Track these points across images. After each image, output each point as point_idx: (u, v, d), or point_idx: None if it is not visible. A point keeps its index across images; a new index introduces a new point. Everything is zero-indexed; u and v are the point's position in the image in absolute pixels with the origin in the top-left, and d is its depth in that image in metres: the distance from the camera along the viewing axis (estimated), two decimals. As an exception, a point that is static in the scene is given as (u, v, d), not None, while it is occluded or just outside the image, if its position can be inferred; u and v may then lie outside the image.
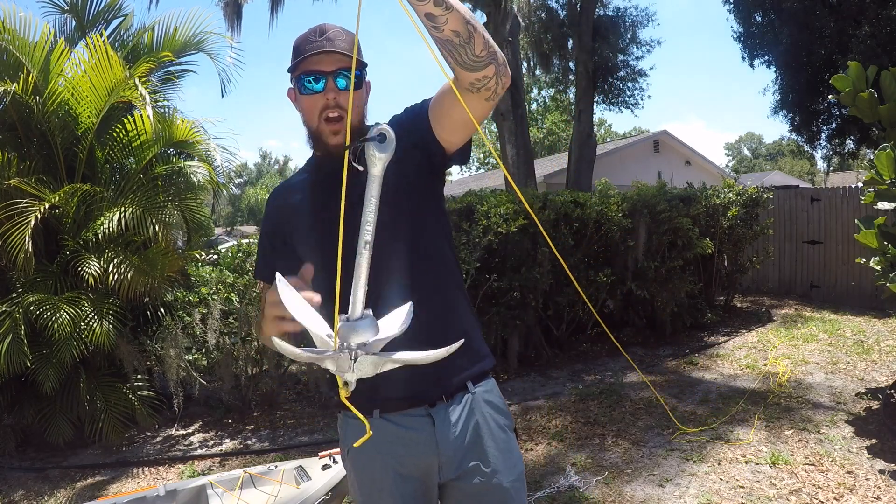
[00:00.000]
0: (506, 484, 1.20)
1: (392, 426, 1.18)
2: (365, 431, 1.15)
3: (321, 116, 1.16)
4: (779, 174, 29.16)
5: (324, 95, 1.15)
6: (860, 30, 7.98)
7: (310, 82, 1.15)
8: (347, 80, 1.15)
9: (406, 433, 1.18)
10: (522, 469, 1.28)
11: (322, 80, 1.15)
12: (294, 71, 1.17)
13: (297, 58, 1.15)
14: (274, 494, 2.40)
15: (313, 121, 1.18)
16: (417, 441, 1.18)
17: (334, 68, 1.14)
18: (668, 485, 2.95)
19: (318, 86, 1.15)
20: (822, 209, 7.56)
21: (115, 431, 3.67)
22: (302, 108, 1.20)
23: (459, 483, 1.20)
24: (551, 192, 5.25)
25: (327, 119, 1.16)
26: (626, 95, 11.93)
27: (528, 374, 4.91)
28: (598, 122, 29.60)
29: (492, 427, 1.23)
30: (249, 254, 4.41)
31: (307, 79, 1.15)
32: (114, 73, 3.74)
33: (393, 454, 1.18)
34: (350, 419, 1.23)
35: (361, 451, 1.18)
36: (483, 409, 1.23)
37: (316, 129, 1.18)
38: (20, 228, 3.40)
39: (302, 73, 1.16)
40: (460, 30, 0.93)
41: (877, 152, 3.58)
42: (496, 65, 1.01)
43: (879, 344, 5.32)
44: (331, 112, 1.15)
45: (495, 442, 1.22)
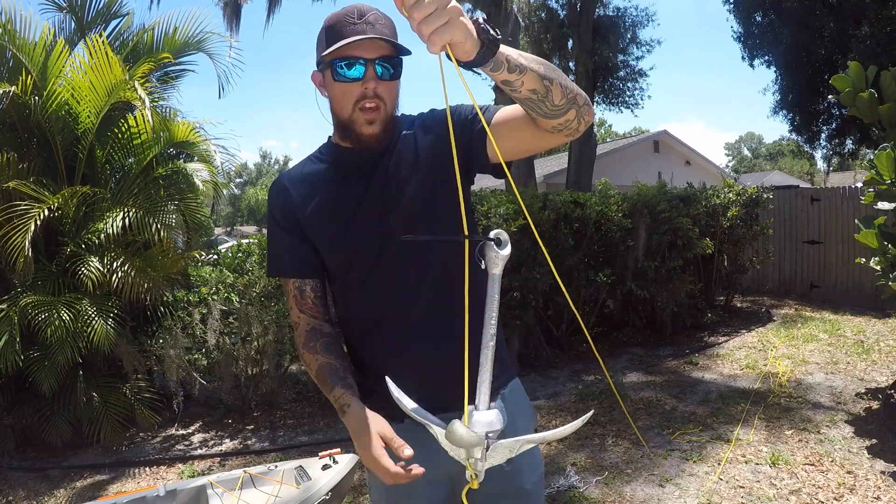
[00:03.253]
0: (528, 486, 1.19)
1: (423, 431, 1.12)
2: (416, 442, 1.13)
3: (356, 105, 1.09)
4: (779, 174, 29.16)
5: (362, 84, 1.07)
6: (860, 30, 7.98)
7: (346, 68, 1.07)
8: (387, 69, 1.08)
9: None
10: (543, 470, 1.27)
11: (361, 67, 1.06)
12: (329, 53, 1.08)
13: (333, 40, 1.06)
14: (274, 494, 2.40)
15: (346, 109, 1.10)
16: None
17: (375, 56, 1.06)
18: (668, 485, 2.95)
19: (356, 73, 1.06)
20: (822, 209, 7.56)
21: (114, 432, 3.67)
22: (333, 94, 1.12)
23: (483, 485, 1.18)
24: (551, 192, 5.25)
25: (363, 109, 1.09)
26: (625, 95, 11.95)
27: (528, 374, 4.91)
28: (598, 122, 29.59)
29: (517, 428, 1.20)
30: (249, 254, 4.41)
31: (343, 64, 1.06)
32: (113, 73, 3.74)
33: (424, 460, 1.12)
34: None
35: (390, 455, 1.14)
36: (510, 410, 1.20)
37: (349, 118, 1.11)
38: (20, 232, 3.40)
39: (337, 58, 1.07)
40: (537, 87, 0.93)
41: (877, 152, 3.58)
42: (577, 108, 0.99)
43: (879, 344, 5.32)
44: (368, 102, 1.08)
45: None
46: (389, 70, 1.09)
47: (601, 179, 6.14)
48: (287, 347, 4.27)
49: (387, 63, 1.08)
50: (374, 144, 1.13)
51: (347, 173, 1.17)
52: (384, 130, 1.12)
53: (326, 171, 1.19)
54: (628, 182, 6.93)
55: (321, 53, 1.09)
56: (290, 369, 4.67)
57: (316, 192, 1.17)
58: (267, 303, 4.10)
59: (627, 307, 5.78)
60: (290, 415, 4.26)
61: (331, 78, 1.09)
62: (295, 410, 4.34)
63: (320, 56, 1.10)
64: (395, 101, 1.14)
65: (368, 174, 1.16)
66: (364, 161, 1.17)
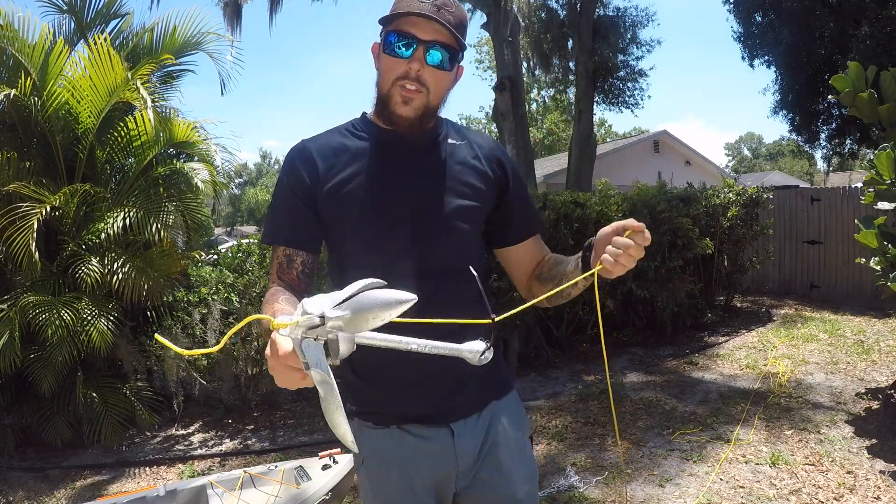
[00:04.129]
0: (520, 495, 1.18)
1: (411, 438, 1.14)
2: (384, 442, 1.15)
3: (397, 82, 1.05)
4: (779, 174, 29.16)
5: (408, 63, 1.03)
6: (860, 30, 7.98)
7: (397, 43, 1.03)
8: (439, 56, 1.04)
9: (425, 445, 1.14)
10: (536, 478, 1.25)
11: (413, 46, 1.02)
12: (386, 24, 1.05)
13: (396, 11, 1.03)
14: (274, 494, 2.40)
15: (386, 83, 1.07)
16: (437, 453, 1.14)
17: (430, 38, 1.02)
18: (668, 485, 2.95)
19: (407, 51, 1.03)
20: (822, 209, 7.56)
21: (114, 432, 3.67)
22: (380, 66, 1.08)
23: (473, 492, 1.17)
24: (551, 192, 5.25)
25: (402, 87, 1.05)
26: (626, 95, 11.94)
27: (528, 374, 4.91)
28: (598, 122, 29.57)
29: (509, 437, 1.20)
30: (249, 254, 4.41)
31: (396, 38, 1.03)
32: (115, 73, 3.74)
33: (411, 466, 1.14)
34: (366, 428, 1.17)
35: (377, 461, 1.15)
36: (502, 418, 1.20)
37: (387, 93, 1.07)
38: (23, 232, 3.40)
39: (393, 31, 1.03)
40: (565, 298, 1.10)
41: (877, 152, 3.58)
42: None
43: (879, 344, 5.32)
44: (409, 83, 1.04)
45: (511, 452, 1.19)
46: (441, 58, 1.04)
47: (601, 179, 6.15)
48: (287, 347, 4.26)
49: (441, 50, 1.04)
50: (406, 128, 1.09)
51: (391, 156, 1.12)
52: (420, 118, 1.08)
53: (365, 148, 1.13)
54: (628, 182, 6.94)
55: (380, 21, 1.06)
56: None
57: (348, 167, 1.11)
58: (267, 303, 4.10)
59: (627, 307, 5.78)
60: (290, 415, 4.26)
61: (382, 49, 1.06)
62: (295, 410, 4.34)
63: (379, 23, 1.07)
64: (442, 94, 1.10)
65: (412, 166, 1.13)
66: (411, 152, 1.13)
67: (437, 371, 1.12)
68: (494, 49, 10.30)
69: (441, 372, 1.12)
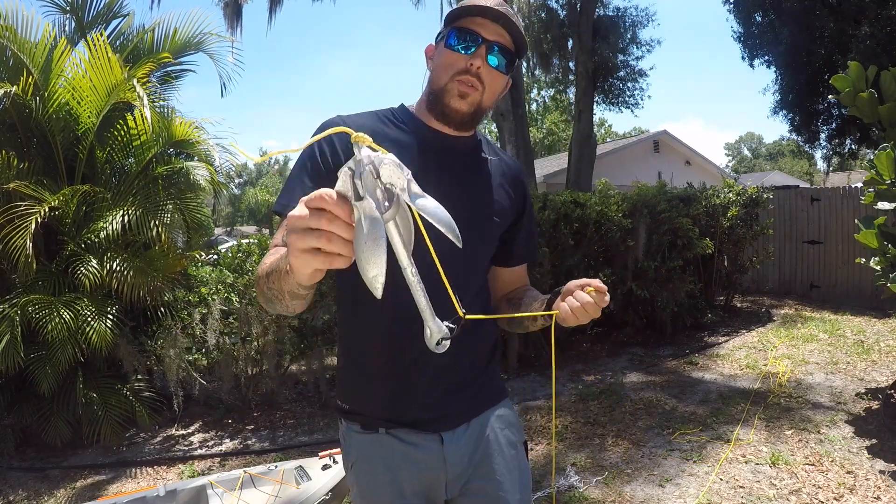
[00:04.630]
0: (513, 503, 1.18)
1: (399, 443, 1.13)
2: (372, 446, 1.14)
3: (455, 76, 1.05)
4: (779, 174, 29.16)
5: (469, 59, 1.04)
6: (860, 30, 7.98)
7: (461, 39, 1.04)
8: (501, 58, 1.06)
9: (414, 451, 1.13)
10: (530, 486, 1.25)
11: (476, 43, 1.04)
12: (450, 22, 1.05)
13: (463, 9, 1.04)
14: (274, 494, 2.40)
15: (443, 77, 1.06)
16: (425, 459, 1.13)
17: (493, 39, 1.04)
18: (668, 485, 2.95)
19: (470, 48, 1.04)
20: (822, 209, 7.56)
21: (114, 433, 3.67)
22: (438, 62, 1.08)
23: (466, 500, 1.17)
24: (551, 192, 5.25)
25: (460, 81, 1.05)
26: (626, 95, 11.95)
27: (528, 374, 4.91)
28: (598, 122, 29.60)
29: (502, 444, 1.20)
30: (249, 254, 4.41)
31: (461, 34, 1.04)
32: (114, 73, 3.74)
33: (400, 471, 1.13)
34: (355, 432, 1.16)
35: (367, 465, 1.14)
36: (494, 425, 1.20)
37: (443, 87, 1.06)
38: (21, 232, 3.40)
39: (456, 28, 1.04)
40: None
41: (877, 152, 3.58)
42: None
43: (879, 344, 5.32)
44: (465, 79, 1.04)
45: (504, 460, 1.19)
46: (500, 61, 1.06)
47: (601, 179, 6.15)
48: (287, 347, 4.27)
49: (501, 53, 1.05)
50: (457, 123, 1.09)
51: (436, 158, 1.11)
52: (472, 116, 1.08)
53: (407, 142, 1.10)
54: (628, 182, 6.94)
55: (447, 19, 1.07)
56: (290, 369, 4.68)
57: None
58: (267, 303, 4.10)
59: (627, 307, 5.77)
60: (290, 415, 4.26)
61: (443, 45, 1.06)
62: (295, 410, 4.34)
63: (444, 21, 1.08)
64: (495, 97, 1.11)
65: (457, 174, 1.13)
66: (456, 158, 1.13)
67: (433, 374, 1.12)
68: (494, 49, 10.28)
69: (437, 375, 1.12)
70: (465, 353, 1.15)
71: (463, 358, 1.15)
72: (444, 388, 1.14)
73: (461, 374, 1.16)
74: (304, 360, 4.58)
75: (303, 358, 4.50)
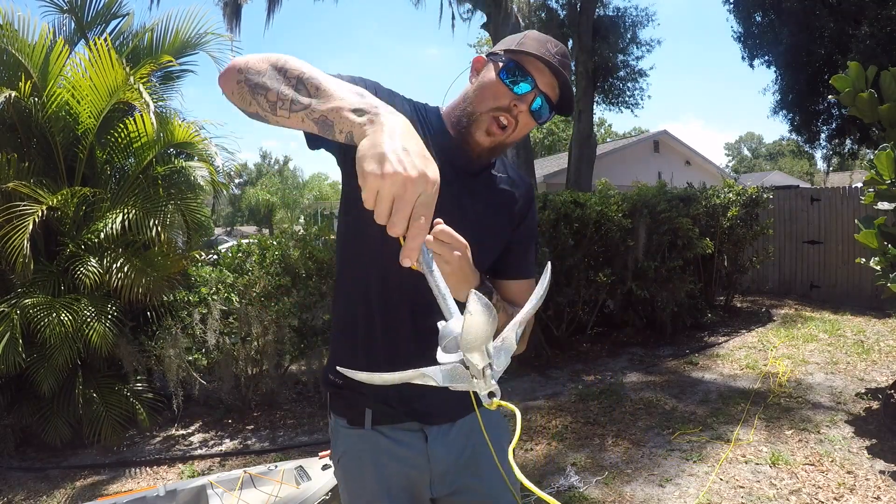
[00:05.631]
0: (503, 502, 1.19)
1: (384, 439, 1.15)
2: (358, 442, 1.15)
3: (493, 111, 1.04)
4: (779, 174, 29.16)
5: (514, 98, 1.03)
6: (860, 30, 7.98)
7: (517, 76, 1.03)
8: (543, 108, 1.06)
9: (397, 448, 1.15)
10: (518, 485, 1.25)
11: (528, 86, 1.03)
12: (515, 53, 1.04)
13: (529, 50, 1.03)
14: (274, 494, 2.40)
15: (483, 105, 1.05)
16: (409, 457, 1.15)
17: (544, 90, 1.05)
18: (668, 485, 2.95)
19: (521, 87, 1.03)
20: (822, 209, 7.56)
21: (114, 432, 3.67)
22: (484, 86, 1.06)
23: (454, 499, 1.18)
24: (551, 192, 5.25)
25: (496, 119, 1.04)
26: (625, 95, 11.96)
27: (528, 374, 4.91)
28: (598, 122, 29.58)
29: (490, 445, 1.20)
30: (249, 254, 4.41)
31: (517, 70, 1.03)
32: (114, 73, 3.74)
33: (386, 467, 1.15)
34: (342, 427, 1.17)
35: (353, 460, 1.16)
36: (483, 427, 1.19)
37: (478, 114, 1.05)
38: (19, 232, 3.40)
39: (518, 63, 1.03)
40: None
41: (877, 152, 3.58)
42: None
43: (879, 344, 5.32)
44: (503, 118, 1.04)
45: (492, 460, 1.19)
46: (543, 111, 1.07)
47: (601, 179, 6.14)
48: (287, 347, 4.26)
49: (546, 104, 1.06)
50: (474, 156, 1.09)
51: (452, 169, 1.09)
52: (490, 151, 1.09)
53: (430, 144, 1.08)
54: (628, 182, 6.94)
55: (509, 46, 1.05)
56: (290, 369, 4.67)
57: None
58: (267, 303, 4.10)
59: (627, 307, 5.78)
60: (290, 415, 4.26)
61: (496, 73, 1.05)
62: (295, 410, 4.34)
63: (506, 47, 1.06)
64: (518, 139, 1.13)
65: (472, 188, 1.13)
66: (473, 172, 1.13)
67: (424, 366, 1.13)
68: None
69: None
70: None
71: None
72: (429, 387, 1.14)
73: None
74: (304, 360, 4.58)
75: (303, 358, 4.50)
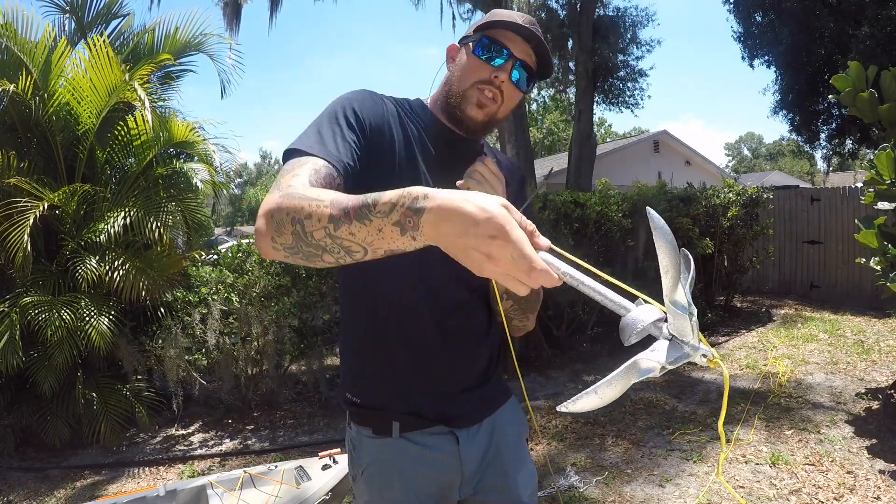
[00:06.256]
0: (525, 499, 1.18)
1: (413, 446, 1.11)
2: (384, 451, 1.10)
3: (476, 84, 1.06)
4: (779, 174, 29.14)
5: (493, 70, 1.05)
6: (860, 30, 7.98)
7: (491, 50, 1.05)
8: (522, 76, 1.07)
9: (429, 453, 1.10)
10: (536, 480, 1.25)
11: (504, 57, 1.05)
12: (484, 29, 1.06)
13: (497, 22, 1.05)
14: (274, 494, 2.40)
15: (465, 82, 1.06)
16: (441, 460, 1.11)
17: (521, 57, 1.06)
18: (668, 485, 2.95)
19: (498, 60, 1.05)
20: (822, 209, 7.56)
21: (113, 432, 3.67)
22: (462, 65, 1.08)
23: (479, 499, 1.16)
24: (551, 192, 5.25)
25: (480, 91, 1.05)
26: (625, 95, 11.93)
27: (528, 374, 4.91)
28: (598, 122, 29.61)
29: (510, 441, 1.20)
30: (249, 253, 4.41)
31: (492, 45, 1.05)
32: (114, 73, 3.74)
33: (414, 475, 1.10)
34: (365, 437, 1.12)
35: (378, 472, 1.11)
36: (504, 423, 1.20)
37: (463, 91, 1.06)
38: (19, 228, 3.40)
39: (490, 38, 1.05)
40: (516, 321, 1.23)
41: (877, 152, 3.58)
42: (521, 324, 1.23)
43: (879, 344, 5.32)
44: (489, 90, 1.05)
45: (514, 456, 1.19)
46: (524, 77, 1.08)
47: (601, 179, 6.14)
48: (287, 347, 4.27)
49: (524, 71, 1.07)
50: (471, 131, 1.10)
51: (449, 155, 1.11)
52: (484, 125, 1.10)
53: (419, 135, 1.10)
54: (628, 182, 6.93)
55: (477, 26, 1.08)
56: (290, 369, 4.67)
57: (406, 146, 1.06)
58: (267, 303, 4.10)
59: (627, 307, 5.77)
60: (290, 415, 4.26)
61: (471, 49, 1.06)
62: (295, 410, 4.34)
63: (475, 26, 1.08)
64: (509, 112, 1.12)
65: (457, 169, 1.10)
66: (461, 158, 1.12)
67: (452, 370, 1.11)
68: (494, 49, 10.27)
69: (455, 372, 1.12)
70: (478, 354, 1.16)
71: (476, 359, 1.16)
72: (461, 386, 1.13)
73: (476, 373, 1.16)
74: (304, 360, 4.58)
75: (303, 358, 4.50)
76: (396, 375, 1.11)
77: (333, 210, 0.71)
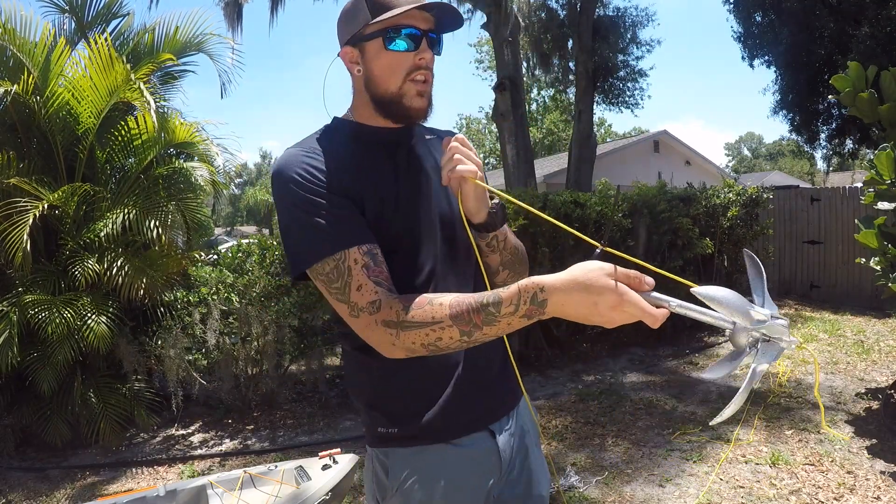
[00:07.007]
0: (544, 493, 1.18)
1: (453, 449, 1.07)
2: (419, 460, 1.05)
3: (408, 77, 1.01)
4: (779, 174, 29.15)
5: (415, 55, 1.00)
6: (860, 30, 7.98)
7: (401, 37, 1.00)
8: (438, 42, 1.04)
9: (470, 451, 1.07)
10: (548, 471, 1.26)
11: (417, 38, 1.00)
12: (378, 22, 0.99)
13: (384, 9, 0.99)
14: (274, 494, 2.40)
15: (394, 82, 1.01)
16: (482, 458, 1.09)
17: (426, 27, 1.01)
18: (668, 485, 2.95)
19: (412, 43, 1.00)
20: (822, 209, 7.56)
21: (113, 432, 3.67)
22: (379, 66, 1.02)
23: (509, 497, 1.14)
24: (551, 192, 5.25)
25: (414, 81, 1.01)
26: (625, 95, 11.94)
27: (528, 374, 4.91)
28: (598, 122, 29.57)
29: (531, 438, 1.21)
30: (249, 254, 4.41)
31: (397, 33, 0.99)
32: (115, 73, 3.74)
33: (458, 482, 1.06)
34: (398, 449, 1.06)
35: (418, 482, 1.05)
36: (524, 420, 1.21)
37: (397, 91, 1.02)
38: (19, 227, 3.40)
39: (391, 27, 0.99)
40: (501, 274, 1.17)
41: (877, 152, 3.58)
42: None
43: (879, 344, 5.32)
44: (419, 74, 1.01)
45: (536, 451, 1.20)
46: (440, 43, 1.06)
47: (601, 179, 6.15)
48: (287, 347, 4.26)
49: (435, 34, 1.04)
50: (422, 119, 1.07)
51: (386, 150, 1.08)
52: (429, 105, 1.07)
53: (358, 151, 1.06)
54: (628, 182, 6.94)
55: (364, 24, 1.00)
56: (290, 369, 4.67)
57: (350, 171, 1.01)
58: (267, 303, 4.10)
59: (627, 307, 5.77)
60: (290, 415, 4.26)
61: (381, 47, 1.00)
62: (295, 410, 4.34)
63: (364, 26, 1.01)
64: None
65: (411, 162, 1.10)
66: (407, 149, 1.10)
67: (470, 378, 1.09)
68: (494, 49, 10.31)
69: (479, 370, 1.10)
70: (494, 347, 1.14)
71: (492, 353, 1.14)
72: (485, 383, 1.12)
73: (495, 367, 1.16)
74: (304, 360, 4.58)
75: (303, 358, 4.50)
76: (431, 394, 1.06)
77: (459, 325, 0.86)
